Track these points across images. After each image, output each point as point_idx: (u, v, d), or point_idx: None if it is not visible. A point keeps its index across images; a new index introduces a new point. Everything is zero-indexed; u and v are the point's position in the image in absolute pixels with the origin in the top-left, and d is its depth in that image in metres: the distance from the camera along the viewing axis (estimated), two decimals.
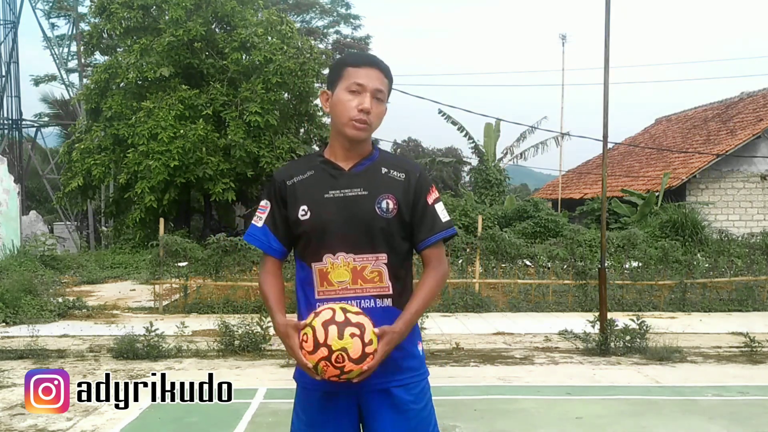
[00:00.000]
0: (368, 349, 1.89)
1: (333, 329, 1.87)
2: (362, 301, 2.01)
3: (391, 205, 2.04)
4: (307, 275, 2.06)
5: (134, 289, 12.22)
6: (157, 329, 7.18)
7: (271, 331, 7.45)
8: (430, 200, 2.11)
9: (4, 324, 8.76)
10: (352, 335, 1.87)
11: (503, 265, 10.95)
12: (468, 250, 11.12)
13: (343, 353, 1.86)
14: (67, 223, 21.69)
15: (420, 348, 2.16)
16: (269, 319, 7.54)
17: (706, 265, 11.01)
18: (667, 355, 7.04)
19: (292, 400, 2.21)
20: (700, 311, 10.11)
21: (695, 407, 5.43)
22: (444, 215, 2.14)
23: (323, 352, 1.86)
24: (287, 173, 2.12)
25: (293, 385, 2.19)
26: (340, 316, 1.89)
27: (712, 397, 5.74)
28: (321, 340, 1.87)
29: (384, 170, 2.09)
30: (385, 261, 2.03)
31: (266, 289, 2.12)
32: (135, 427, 4.91)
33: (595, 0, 10.76)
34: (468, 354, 7.30)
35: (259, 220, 2.13)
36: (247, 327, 7.34)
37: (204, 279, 10.54)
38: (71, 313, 9.58)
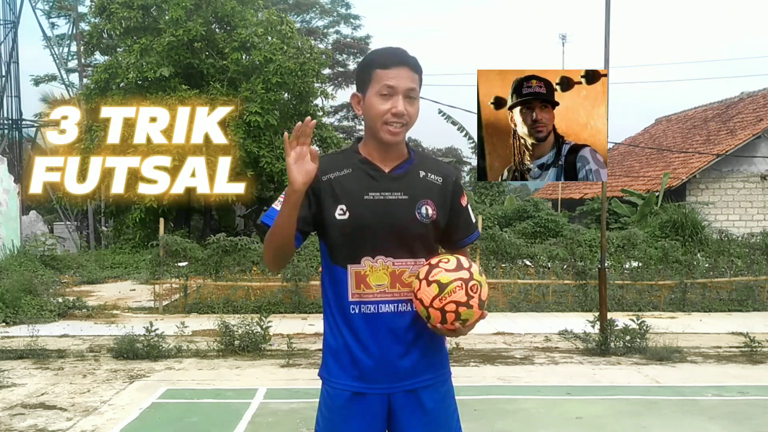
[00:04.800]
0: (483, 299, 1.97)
1: (475, 266, 1.97)
2: (399, 304, 2.02)
3: (430, 211, 2.04)
4: (341, 277, 2.03)
5: (134, 289, 12.22)
6: (157, 329, 7.18)
7: (271, 331, 7.46)
8: (463, 203, 2.15)
9: (4, 324, 8.76)
10: (485, 281, 1.98)
11: (503, 265, 10.95)
12: (468, 249, 11.10)
13: (479, 285, 1.92)
14: (67, 223, 21.66)
15: (446, 345, 2.19)
16: (269, 319, 7.56)
17: (706, 265, 11.01)
18: (667, 355, 7.04)
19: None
20: (700, 311, 10.10)
21: (695, 407, 5.43)
22: (473, 217, 2.22)
23: (465, 274, 1.91)
24: (322, 167, 2.03)
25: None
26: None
27: (712, 397, 5.74)
28: (465, 265, 1.94)
29: (422, 174, 2.07)
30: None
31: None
32: (135, 427, 4.91)
33: (595, 0, 10.78)
34: (468, 354, 7.31)
35: (279, 203, 2.04)
36: (247, 327, 7.33)
37: (204, 279, 10.55)
38: (71, 313, 9.58)
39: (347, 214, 2.00)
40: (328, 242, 2.06)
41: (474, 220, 2.21)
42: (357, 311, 2.01)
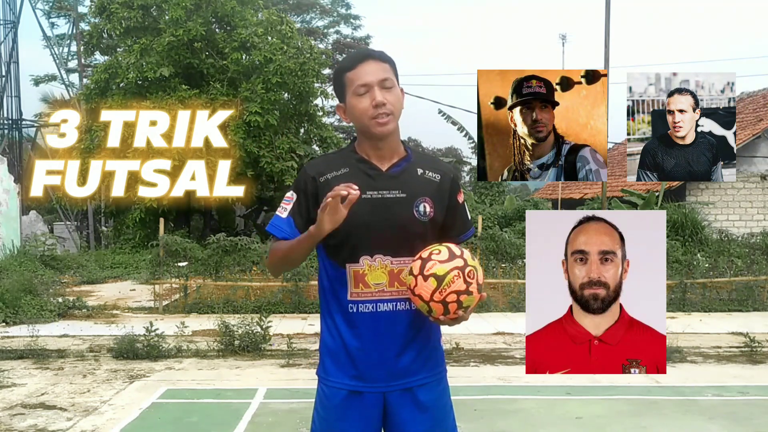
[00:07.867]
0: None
1: (467, 251, 1.95)
2: (398, 303, 2.01)
3: (428, 209, 2.04)
4: (339, 276, 2.03)
5: (134, 289, 12.22)
6: (157, 329, 7.18)
7: (271, 331, 7.46)
8: (460, 200, 2.16)
9: (4, 324, 8.76)
10: (479, 264, 1.97)
11: (503, 265, 10.94)
12: (468, 250, 11.11)
13: (474, 270, 1.92)
14: (67, 223, 21.67)
15: (441, 343, 2.20)
16: (269, 319, 7.55)
17: (706, 265, 11.00)
18: (668, 355, 7.02)
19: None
20: (700, 311, 10.10)
21: (695, 407, 5.43)
22: (468, 214, 2.23)
23: (459, 262, 1.90)
24: (318, 169, 2.05)
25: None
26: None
27: (712, 397, 5.75)
28: (457, 252, 1.92)
29: (420, 171, 2.08)
30: None
31: (284, 244, 2.04)
32: (135, 427, 4.91)
33: (595, 0, 10.76)
34: (468, 354, 7.31)
35: (284, 211, 2.06)
36: (247, 327, 7.33)
37: (204, 279, 10.55)
38: (71, 313, 9.58)
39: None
40: (327, 242, 2.04)
41: (470, 217, 2.23)
42: (355, 310, 2.01)
